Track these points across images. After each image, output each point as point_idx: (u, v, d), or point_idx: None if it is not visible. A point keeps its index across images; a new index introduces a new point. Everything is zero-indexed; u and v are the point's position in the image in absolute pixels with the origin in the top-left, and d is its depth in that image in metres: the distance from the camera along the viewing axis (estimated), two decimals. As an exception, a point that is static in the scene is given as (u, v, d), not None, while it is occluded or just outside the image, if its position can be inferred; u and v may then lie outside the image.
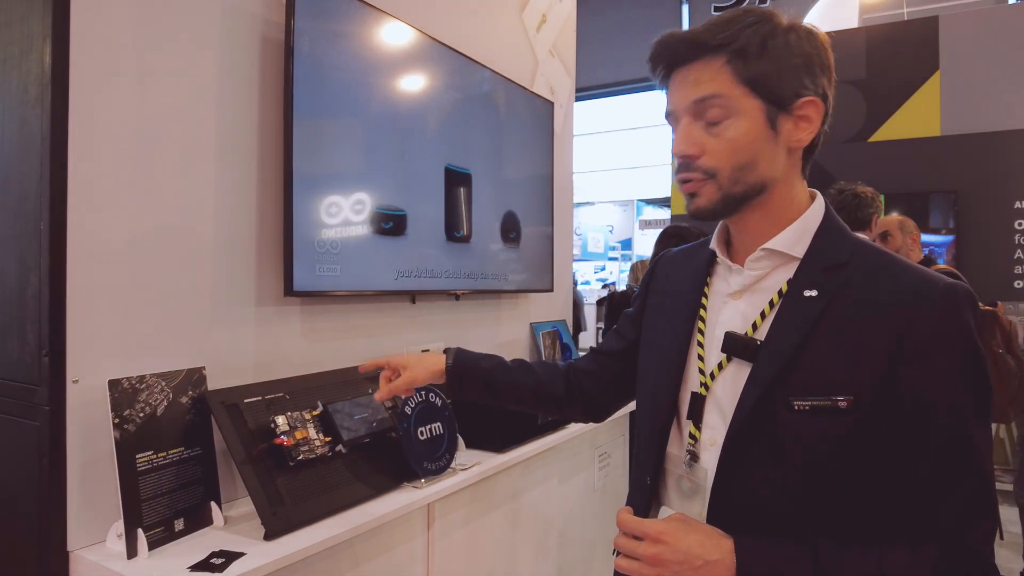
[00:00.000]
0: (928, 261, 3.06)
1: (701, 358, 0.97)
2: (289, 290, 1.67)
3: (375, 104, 1.95)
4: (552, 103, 2.81)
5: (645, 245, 11.38)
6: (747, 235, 0.96)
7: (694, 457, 0.95)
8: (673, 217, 5.95)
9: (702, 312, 1.00)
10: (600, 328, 4.40)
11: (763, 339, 0.89)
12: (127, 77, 1.42)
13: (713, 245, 1.02)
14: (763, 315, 0.91)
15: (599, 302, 4.18)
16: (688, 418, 0.97)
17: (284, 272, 1.68)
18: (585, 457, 2.64)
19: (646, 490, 1.02)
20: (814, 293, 0.87)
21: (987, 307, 2.94)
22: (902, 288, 0.83)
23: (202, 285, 1.58)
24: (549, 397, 1.29)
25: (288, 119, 1.67)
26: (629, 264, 11.58)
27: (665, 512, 0.99)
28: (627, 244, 12.70)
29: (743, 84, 0.86)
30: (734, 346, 0.92)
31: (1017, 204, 4.75)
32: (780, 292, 0.91)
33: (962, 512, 0.80)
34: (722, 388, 0.94)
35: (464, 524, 1.91)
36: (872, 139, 5.19)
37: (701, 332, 0.99)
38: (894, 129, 5.13)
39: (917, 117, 5.08)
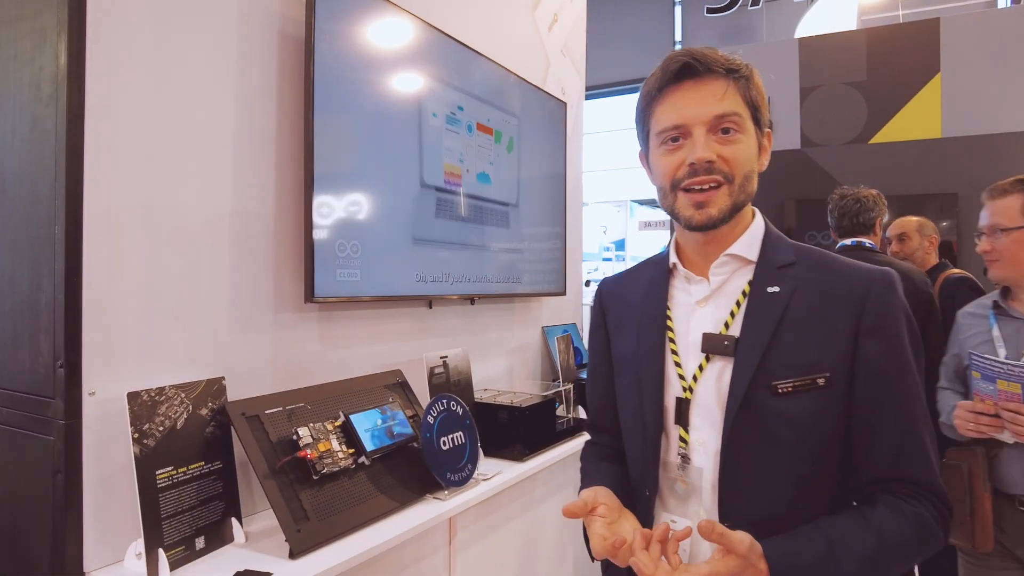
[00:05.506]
0: (943, 267, 3.02)
1: (678, 364, 1.03)
2: (310, 296, 1.61)
3: (395, 103, 1.89)
4: (565, 103, 2.77)
5: (641, 246, 11.39)
6: (714, 245, 1.02)
7: (685, 459, 1.01)
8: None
9: (669, 323, 1.06)
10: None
11: (738, 335, 0.97)
12: (145, 74, 1.36)
13: (675, 260, 1.08)
14: (732, 315, 0.99)
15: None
16: (676, 423, 1.01)
17: (305, 278, 1.62)
18: (599, 464, 2.59)
19: (646, 502, 1.05)
20: (776, 289, 0.97)
21: (959, 271, 2.92)
22: (851, 278, 0.96)
23: (220, 291, 1.52)
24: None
25: (309, 121, 1.61)
26: (624, 265, 11.59)
27: (665, 517, 1.03)
28: (621, 245, 12.69)
29: (747, 107, 0.97)
30: (714, 346, 0.99)
31: (1018, 206, 4.74)
32: (744, 293, 1.00)
33: (925, 461, 0.93)
34: (705, 389, 0.99)
35: (485, 535, 1.86)
36: (873, 141, 5.18)
37: (673, 341, 1.04)
38: (895, 131, 5.12)
39: (918, 119, 5.07)
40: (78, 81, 1.24)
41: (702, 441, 0.99)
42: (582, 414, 2.57)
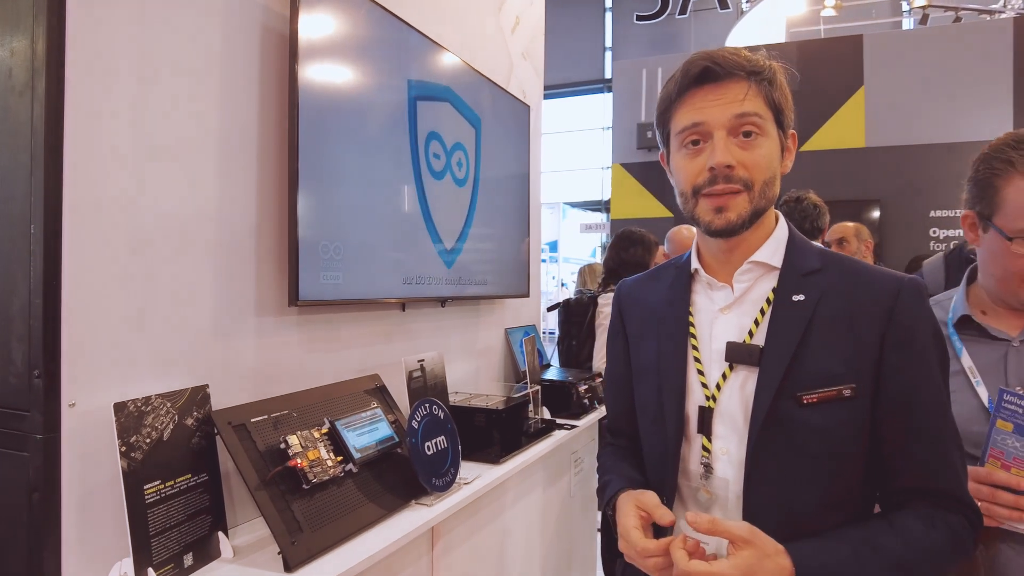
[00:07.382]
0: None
1: (701, 372, 1.01)
2: (294, 300, 1.55)
3: (376, 104, 1.85)
4: (528, 106, 2.78)
5: (576, 247, 11.55)
6: (737, 252, 1.01)
7: (708, 469, 0.99)
8: (615, 222, 6.04)
9: (691, 330, 1.04)
10: (554, 334, 4.37)
11: (763, 344, 0.95)
12: (127, 64, 1.28)
13: (696, 266, 1.07)
14: (756, 323, 0.98)
15: (550, 309, 4.17)
16: (699, 432, 1.00)
17: (289, 281, 1.56)
18: (564, 464, 2.62)
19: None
20: (801, 297, 0.95)
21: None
22: (879, 286, 0.94)
23: (203, 294, 1.44)
24: None
25: (294, 118, 1.55)
26: (557, 267, 11.73)
27: (685, 526, 0.99)
28: (554, 246, 12.84)
29: (770, 109, 0.95)
30: (738, 354, 0.97)
31: (932, 213, 5.11)
32: (768, 300, 0.98)
33: (953, 473, 0.92)
34: (729, 398, 0.98)
35: (465, 539, 1.85)
36: (802, 149, 5.45)
37: (695, 348, 1.03)
38: (823, 140, 5.41)
39: (844, 129, 5.37)
40: (58, 70, 1.15)
41: (726, 451, 0.98)
42: (547, 414, 2.59)
